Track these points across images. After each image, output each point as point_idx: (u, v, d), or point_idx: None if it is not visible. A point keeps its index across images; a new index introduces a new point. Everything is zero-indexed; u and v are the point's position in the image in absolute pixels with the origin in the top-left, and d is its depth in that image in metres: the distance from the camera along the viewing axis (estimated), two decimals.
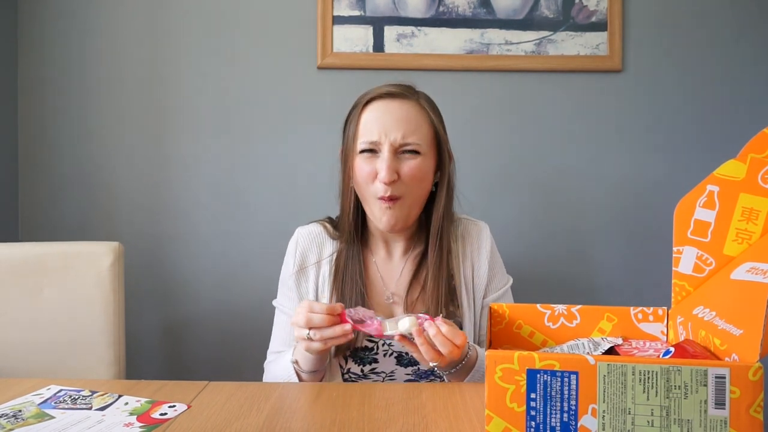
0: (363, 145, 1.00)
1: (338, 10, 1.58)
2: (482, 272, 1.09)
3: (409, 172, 0.99)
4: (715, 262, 0.68)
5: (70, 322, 1.20)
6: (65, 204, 1.61)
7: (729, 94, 1.62)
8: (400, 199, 1.00)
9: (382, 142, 0.98)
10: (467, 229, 1.12)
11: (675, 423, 0.53)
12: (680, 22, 1.62)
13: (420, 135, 1.00)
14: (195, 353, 1.62)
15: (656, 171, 1.63)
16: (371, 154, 1.00)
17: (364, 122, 1.01)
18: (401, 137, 0.98)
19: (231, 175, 1.61)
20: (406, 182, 0.99)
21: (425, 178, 1.02)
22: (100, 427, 0.71)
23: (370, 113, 1.01)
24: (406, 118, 1.00)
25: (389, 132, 0.99)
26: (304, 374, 0.96)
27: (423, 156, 1.01)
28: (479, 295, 1.08)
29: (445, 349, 0.82)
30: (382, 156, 0.99)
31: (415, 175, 1.00)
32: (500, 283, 1.11)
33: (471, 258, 1.10)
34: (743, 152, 0.66)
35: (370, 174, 0.99)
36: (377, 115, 1.00)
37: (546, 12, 1.60)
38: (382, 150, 0.99)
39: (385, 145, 0.98)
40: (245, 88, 1.61)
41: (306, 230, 1.12)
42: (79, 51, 1.59)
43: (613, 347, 0.70)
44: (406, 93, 1.03)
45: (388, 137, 0.98)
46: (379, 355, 1.02)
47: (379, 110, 1.01)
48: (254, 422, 0.73)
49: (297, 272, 1.07)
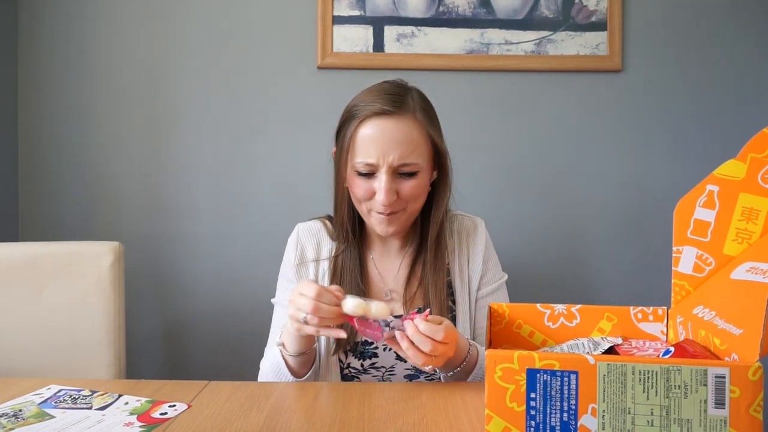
0: (360, 167, 0.98)
1: (338, 10, 1.58)
2: (477, 266, 1.09)
3: (408, 191, 0.99)
4: (715, 261, 0.68)
5: (70, 322, 1.20)
6: (65, 204, 1.61)
7: (729, 94, 1.62)
8: (399, 212, 1.00)
9: (380, 164, 0.96)
10: (463, 224, 1.13)
11: (675, 423, 0.53)
12: (680, 22, 1.62)
13: (418, 153, 0.98)
14: (195, 353, 1.62)
15: (656, 171, 1.63)
16: (368, 176, 0.98)
17: (361, 142, 0.98)
18: (398, 159, 0.96)
19: (231, 175, 1.61)
20: (405, 198, 0.99)
21: (423, 192, 1.02)
22: (100, 426, 0.71)
23: (366, 132, 0.97)
24: (403, 139, 0.96)
25: (387, 154, 0.96)
26: (291, 358, 0.93)
27: (422, 173, 1.00)
28: (474, 289, 1.09)
29: (426, 347, 0.80)
30: (380, 178, 0.97)
31: (414, 192, 0.99)
32: (494, 278, 1.11)
33: (467, 252, 1.10)
34: (743, 152, 0.66)
35: (367, 192, 0.99)
36: (374, 136, 0.97)
37: (546, 12, 1.60)
38: (379, 172, 0.97)
39: (383, 167, 0.96)
40: (245, 88, 1.61)
41: (306, 226, 1.12)
42: (79, 51, 1.59)
43: (613, 347, 0.70)
44: (402, 107, 0.98)
45: (386, 159, 0.96)
46: (379, 349, 1.02)
47: (375, 130, 0.97)
48: (254, 422, 0.73)
49: (298, 264, 1.08)
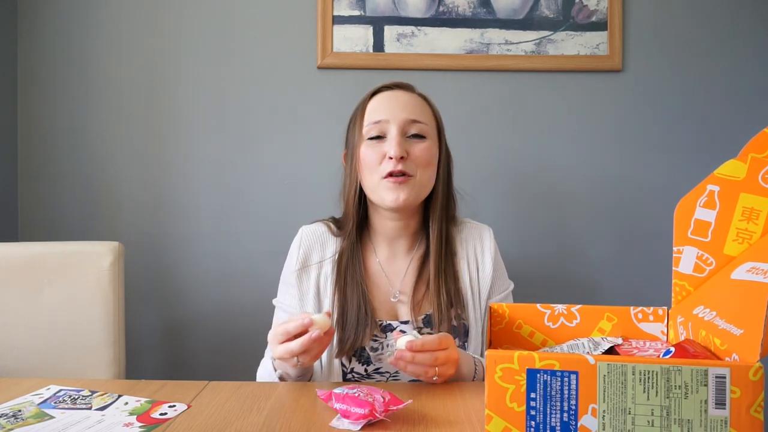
0: (369, 127, 1.03)
1: (338, 9, 1.58)
2: (486, 273, 1.09)
3: (418, 153, 1.02)
4: (715, 261, 0.68)
5: (69, 321, 1.20)
6: (65, 204, 1.61)
7: (729, 94, 1.62)
8: (410, 179, 1.01)
9: (390, 120, 1.02)
10: (471, 232, 1.13)
11: (675, 423, 0.53)
12: (680, 22, 1.62)
13: (426, 117, 1.05)
14: (195, 353, 1.62)
15: (656, 171, 1.63)
16: (378, 140, 1.02)
17: (370, 110, 1.05)
18: (407, 115, 1.02)
19: (231, 175, 1.61)
20: (416, 162, 1.02)
21: (432, 162, 1.05)
22: (100, 427, 0.71)
23: (376, 102, 1.06)
24: (411, 103, 1.05)
25: (397, 113, 1.03)
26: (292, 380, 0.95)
27: (430, 139, 1.04)
28: (484, 297, 1.08)
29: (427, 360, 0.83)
30: (390, 136, 1.02)
31: (424, 156, 1.02)
32: (503, 287, 1.12)
33: (476, 260, 1.10)
34: (743, 152, 0.66)
35: (377, 157, 1.01)
36: (383, 101, 1.05)
37: (546, 12, 1.60)
38: (389, 131, 1.02)
39: (393, 124, 1.02)
40: (245, 87, 1.61)
41: (310, 229, 1.12)
42: (79, 51, 1.59)
43: (613, 347, 0.70)
44: (409, 87, 1.10)
45: (396, 117, 1.02)
46: (383, 355, 1.02)
47: (384, 97, 1.06)
48: (254, 422, 0.73)
49: (299, 270, 1.07)
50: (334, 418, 0.73)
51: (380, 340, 1.02)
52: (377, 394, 0.73)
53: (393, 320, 1.04)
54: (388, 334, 1.02)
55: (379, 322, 1.03)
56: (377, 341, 1.02)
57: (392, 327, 1.03)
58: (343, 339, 1.00)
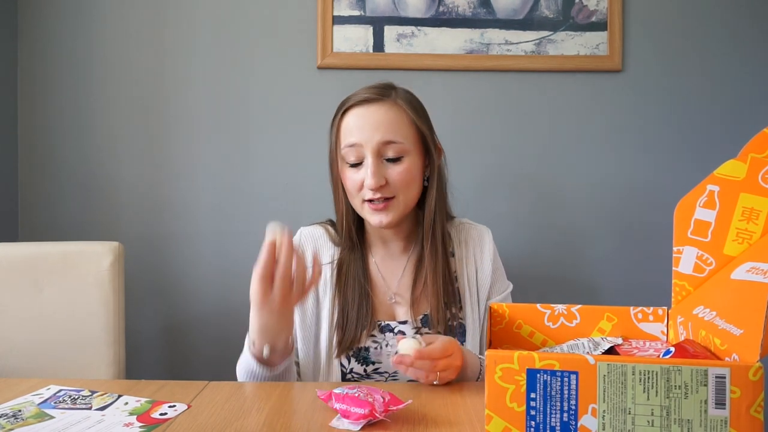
0: (346, 150, 1.00)
1: (338, 10, 1.58)
2: (485, 274, 1.09)
3: (396, 177, 0.99)
4: (715, 261, 0.68)
5: (69, 322, 1.20)
6: (65, 204, 1.61)
7: (729, 94, 1.62)
8: (391, 201, 1.00)
9: (363, 144, 0.98)
10: (469, 233, 1.12)
11: (675, 423, 0.53)
12: (680, 22, 1.62)
13: (401, 134, 1.00)
14: (195, 353, 1.62)
15: (656, 170, 1.63)
16: (356, 167, 1.00)
17: (345, 128, 1.02)
18: (381, 137, 0.98)
19: (231, 175, 1.61)
20: (395, 185, 1.00)
21: (414, 179, 1.02)
22: (100, 427, 0.71)
23: (349, 119, 1.01)
24: (384, 120, 0.99)
25: (369, 136, 0.98)
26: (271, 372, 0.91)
27: (408, 157, 1.01)
28: (483, 298, 1.08)
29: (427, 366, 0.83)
30: (366, 163, 0.99)
31: (403, 179, 1.00)
32: (502, 288, 1.12)
33: (474, 260, 1.10)
34: (743, 152, 0.66)
35: (358, 183, 1.00)
36: (356, 120, 1.00)
37: (546, 12, 1.60)
38: (365, 157, 0.99)
39: (368, 150, 0.98)
40: (245, 87, 1.61)
41: (308, 231, 1.12)
42: (80, 51, 1.59)
43: (613, 347, 0.70)
44: (382, 95, 1.01)
45: (369, 139, 0.98)
46: (382, 355, 1.02)
47: (357, 116, 1.01)
48: (254, 422, 0.73)
49: None
50: (334, 418, 0.73)
51: (378, 340, 1.02)
52: (377, 394, 0.73)
53: (390, 320, 1.04)
54: (387, 335, 1.03)
55: (377, 322, 1.03)
56: (376, 341, 1.02)
57: (390, 327, 1.03)
58: (342, 339, 1.00)
